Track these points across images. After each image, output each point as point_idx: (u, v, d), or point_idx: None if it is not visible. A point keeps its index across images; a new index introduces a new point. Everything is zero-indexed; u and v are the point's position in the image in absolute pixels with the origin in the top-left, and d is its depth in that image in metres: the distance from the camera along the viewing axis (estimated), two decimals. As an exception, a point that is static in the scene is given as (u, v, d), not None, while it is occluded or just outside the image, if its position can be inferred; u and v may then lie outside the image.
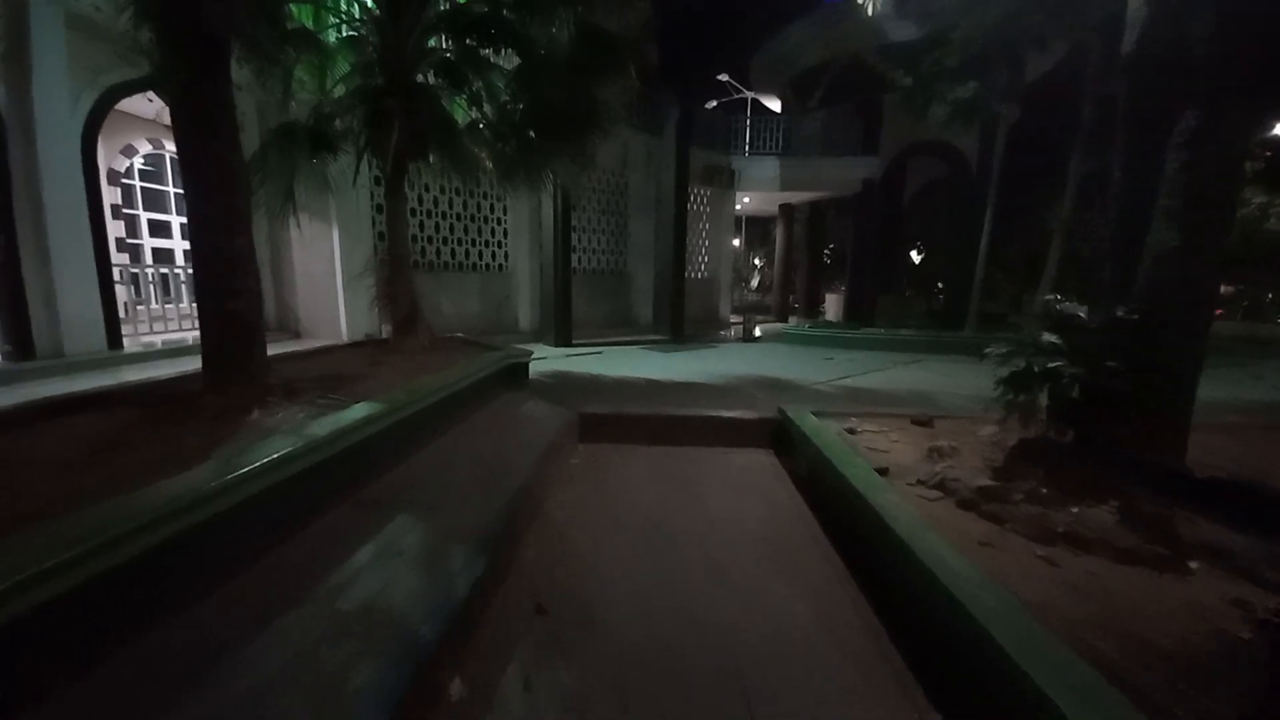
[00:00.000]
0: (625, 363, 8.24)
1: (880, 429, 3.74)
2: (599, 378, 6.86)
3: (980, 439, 3.44)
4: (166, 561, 1.59)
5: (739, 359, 8.95)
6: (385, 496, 2.55)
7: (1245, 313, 15.40)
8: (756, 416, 4.11)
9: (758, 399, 5.71)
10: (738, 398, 5.76)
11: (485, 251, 10.14)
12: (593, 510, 3.22)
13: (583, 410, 4.17)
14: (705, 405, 5.31)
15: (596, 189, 11.56)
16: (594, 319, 11.67)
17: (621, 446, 4.09)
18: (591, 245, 11.66)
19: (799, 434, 3.66)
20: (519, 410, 4.27)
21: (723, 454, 4.03)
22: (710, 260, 14.43)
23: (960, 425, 3.90)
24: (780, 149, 14.28)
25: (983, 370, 7.57)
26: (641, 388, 6.29)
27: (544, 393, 5.47)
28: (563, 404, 4.73)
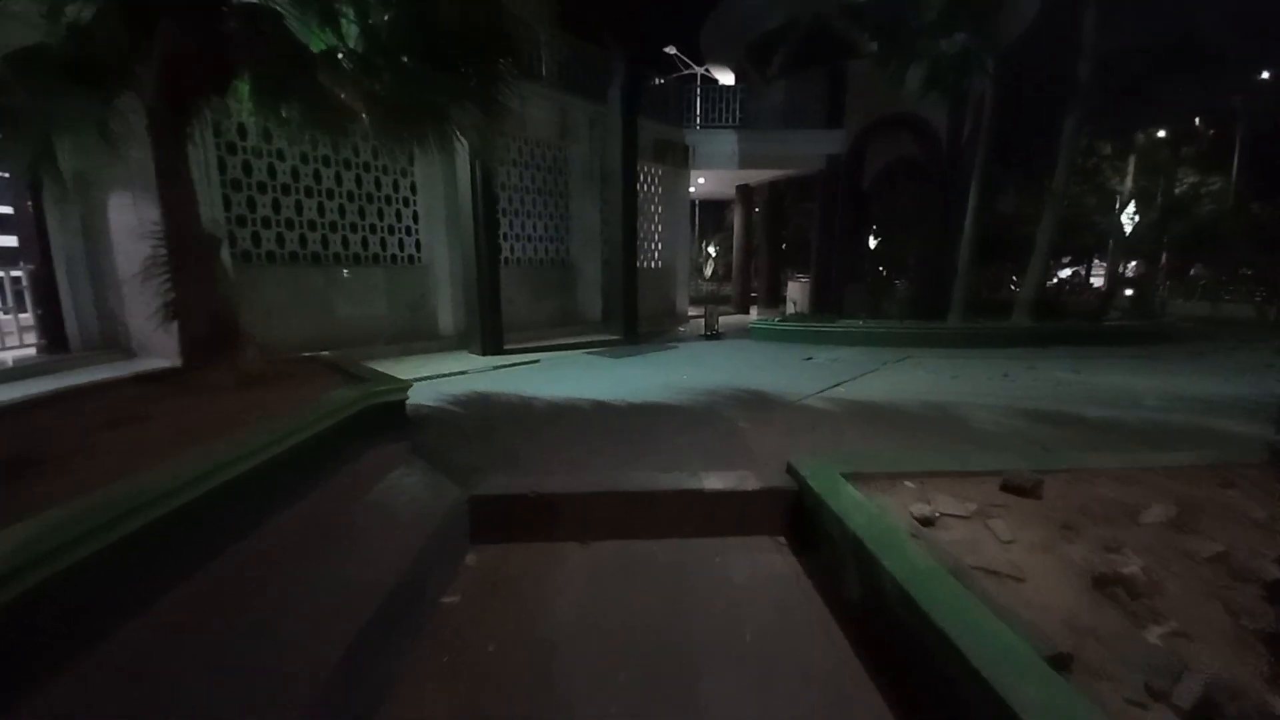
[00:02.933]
0: (567, 375, 6.58)
1: (963, 506, 2.27)
2: (529, 402, 5.19)
3: (1182, 545, 2.01)
4: None
5: (705, 363, 7.45)
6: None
7: (1203, 292, 15.21)
8: (758, 487, 2.57)
9: (742, 429, 4.20)
10: (714, 429, 4.23)
11: (391, 240, 8.21)
12: (475, 703, 1.61)
13: (476, 492, 2.49)
14: (671, 446, 3.76)
15: (530, 163, 9.77)
16: (534, 318, 9.92)
17: (543, 550, 2.47)
18: (527, 232, 9.87)
19: (835, 523, 2.15)
20: (373, 491, 2.57)
21: (707, 553, 2.48)
22: (665, 247, 12.89)
23: (1080, 487, 2.49)
24: (738, 122, 12.85)
25: (992, 369, 5.97)
26: (584, 417, 4.67)
27: (438, 440, 3.77)
28: (460, 462, 3.07)
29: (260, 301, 6.90)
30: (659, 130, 11.90)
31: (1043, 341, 8.99)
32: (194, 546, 1.96)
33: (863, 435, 4.13)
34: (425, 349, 8.30)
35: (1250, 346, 9.27)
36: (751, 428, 4.33)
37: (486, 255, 7.73)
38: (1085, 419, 4.68)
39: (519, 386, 5.90)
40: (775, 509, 2.55)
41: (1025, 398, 5.47)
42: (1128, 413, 4.86)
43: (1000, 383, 6.23)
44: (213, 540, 2.03)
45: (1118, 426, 4.43)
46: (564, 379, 6.36)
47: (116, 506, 1.69)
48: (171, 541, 1.88)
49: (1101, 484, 2.55)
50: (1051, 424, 4.48)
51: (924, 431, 4.27)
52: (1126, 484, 2.56)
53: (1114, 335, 9.37)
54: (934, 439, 4.03)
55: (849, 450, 3.61)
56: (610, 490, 2.49)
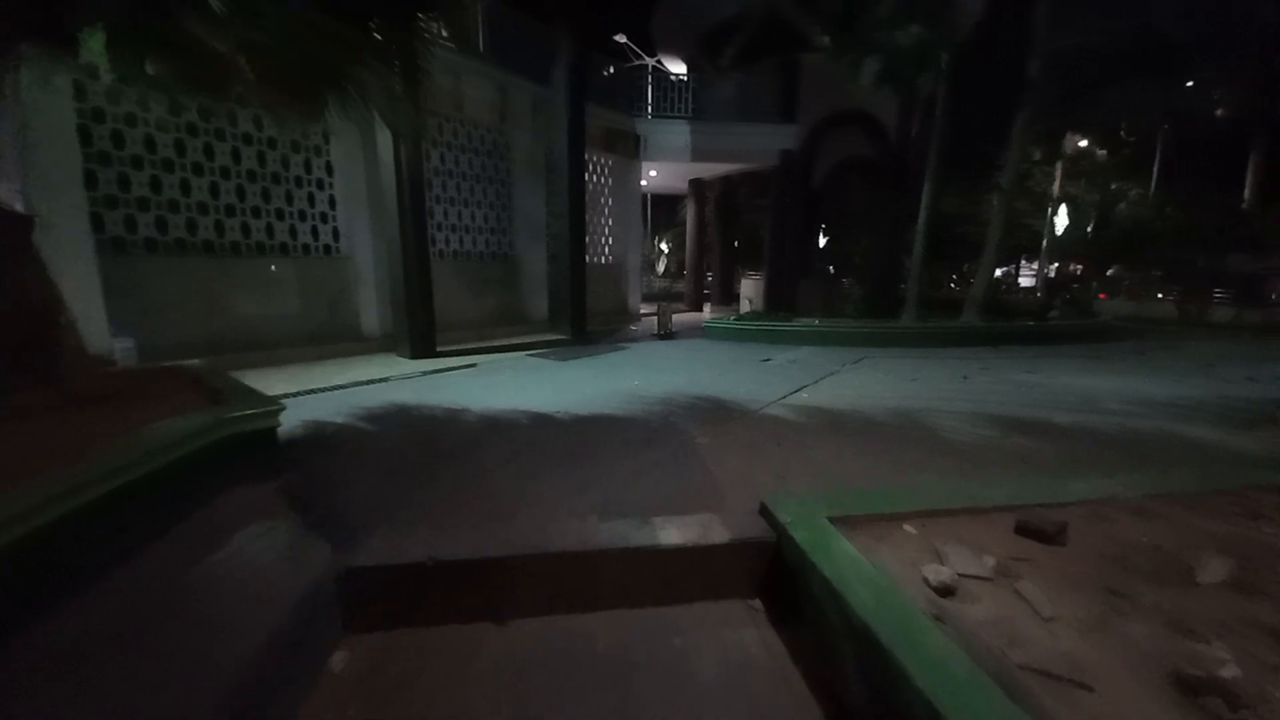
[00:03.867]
0: (505, 381, 5.89)
1: (981, 562, 1.81)
2: (455, 417, 4.48)
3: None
4: None
5: (658, 366, 6.92)
6: None
7: (1128, 292, 16.00)
8: (725, 539, 2.02)
9: (700, 447, 3.67)
10: (669, 447, 3.68)
11: (302, 228, 7.23)
12: None
13: (354, 562, 1.82)
14: (620, 472, 3.19)
15: (468, 147, 8.94)
16: (473, 317, 9.11)
17: (446, 637, 1.84)
18: (464, 222, 9.04)
19: (829, 594, 1.64)
20: (204, 564, 1.86)
21: (663, 630, 1.91)
22: (616, 242, 12.29)
23: (1101, 528, 2.09)
24: (690, 113, 12.39)
25: (949, 370, 5.65)
26: (518, 436, 4.02)
27: (327, 474, 3.05)
28: (347, 509, 2.39)
29: (137, 298, 5.85)
30: (608, 118, 11.28)
31: (993, 341, 9.00)
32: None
33: (832, 450, 3.69)
34: (346, 352, 7.39)
35: (1182, 345, 9.61)
36: (711, 444, 3.81)
37: (414, 246, 6.90)
38: (1055, 425, 4.45)
39: (448, 396, 5.17)
40: (748, 564, 2.01)
41: (989, 402, 5.23)
42: (1094, 418, 4.67)
43: (961, 386, 6.01)
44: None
45: (1089, 433, 4.20)
46: (501, 386, 5.67)
47: None
48: None
49: (1122, 522, 2.17)
50: (1023, 432, 4.21)
51: (895, 443, 3.89)
52: (1148, 520, 2.19)
53: (1058, 334, 9.51)
54: (907, 453, 3.64)
55: (833, 486, 3.14)
56: (538, 552, 1.88)
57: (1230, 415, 4.84)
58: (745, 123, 12.54)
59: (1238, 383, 6.39)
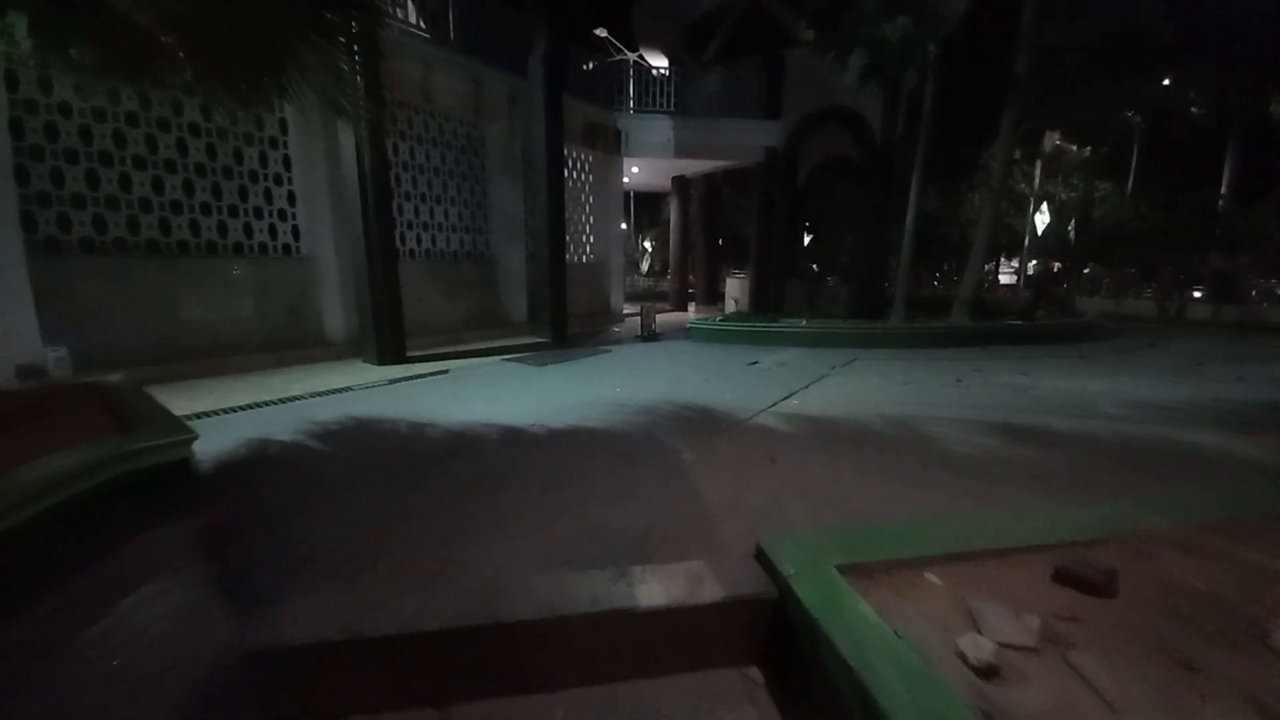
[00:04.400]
0: (479, 390, 5.51)
1: (1023, 626, 1.52)
2: (420, 433, 4.11)
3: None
4: None
5: (642, 371, 6.60)
6: None
7: (1107, 290, 16.10)
8: (719, 596, 1.70)
9: (687, 465, 3.36)
10: (653, 465, 3.36)
11: (258, 226, 6.75)
12: None
13: (257, 644, 1.46)
14: (597, 500, 2.86)
15: (439, 140, 8.50)
16: (448, 320, 8.69)
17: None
18: (437, 220, 8.60)
19: (846, 676, 1.33)
20: (75, 643, 1.49)
21: (639, 708, 1.59)
22: (598, 241, 11.93)
23: (1146, 568, 1.82)
24: (673, 108, 12.07)
25: (941, 373, 5.44)
26: (487, 455, 3.66)
27: (256, 509, 2.67)
28: (273, 559, 2.03)
29: (74, 303, 5.37)
30: (588, 112, 10.91)
31: (981, 341, 8.86)
32: None
33: (829, 467, 3.40)
34: (309, 359, 6.94)
35: (1166, 343, 9.56)
36: (699, 461, 3.50)
37: (379, 245, 6.48)
38: (1055, 432, 4.24)
39: (414, 408, 4.78)
40: (743, 624, 1.70)
41: (985, 407, 5.01)
42: (1092, 424, 4.48)
43: (954, 389, 5.79)
44: None
45: (1089, 441, 4.01)
46: (474, 395, 5.29)
47: None
48: None
49: (1167, 560, 1.90)
50: (1024, 440, 3.99)
51: (894, 456, 3.63)
52: (1194, 556, 1.93)
53: (1045, 334, 9.40)
54: (909, 468, 3.37)
55: (835, 511, 2.85)
56: (492, 622, 1.55)
57: (1226, 418, 4.70)
58: (729, 118, 12.27)
59: (1228, 383, 6.29)
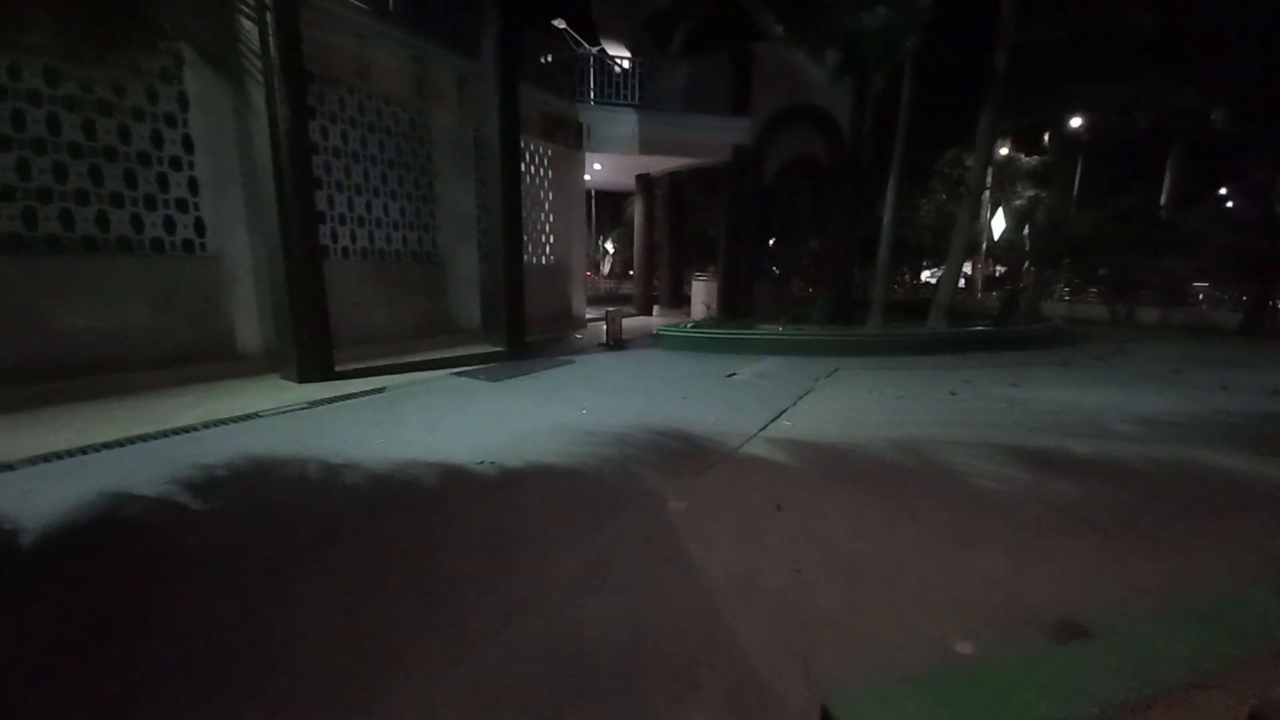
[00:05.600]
0: (416, 416, 4.65)
1: None
2: (334, 478, 3.26)
3: None
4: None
5: (610, 386, 5.86)
6: None
7: (1059, 294, 16.41)
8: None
9: (673, 516, 2.65)
10: (629, 522, 2.64)
11: (151, 219, 5.67)
12: None
13: None
14: (557, 586, 2.13)
15: (378, 126, 7.53)
16: (389, 327, 7.72)
17: None
18: (375, 214, 7.62)
19: None
20: None
21: None
22: (558, 241, 11.13)
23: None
24: (637, 100, 11.40)
25: (931, 384, 4.92)
26: (415, 513, 2.85)
27: (79, 600, 1.82)
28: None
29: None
30: (547, 102, 10.11)
31: (960, 348, 8.56)
32: None
33: (849, 516, 2.78)
34: (216, 375, 5.89)
35: (1130, 348, 9.53)
36: (689, 512, 2.81)
37: (299, 242, 5.52)
38: (1076, 457, 3.81)
39: (335, 441, 3.91)
40: None
41: (992, 426, 4.55)
42: (1109, 445, 4.08)
43: (951, 404, 5.33)
44: None
45: (1120, 470, 3.60)
46: (412, 422, 4.44)
47: None
48: None
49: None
50: (1050, 469, 3.51)
51: (917, 495, 3.05)
52: None
53: (1019, 340, 9.21)
54: (940, 514, 2.79)
55: (871, 582, 2.21)
56: None
57: (1236, 435, 4.43)
58: (697, 114, 11.70)
59: (1215, 392, 6.10)
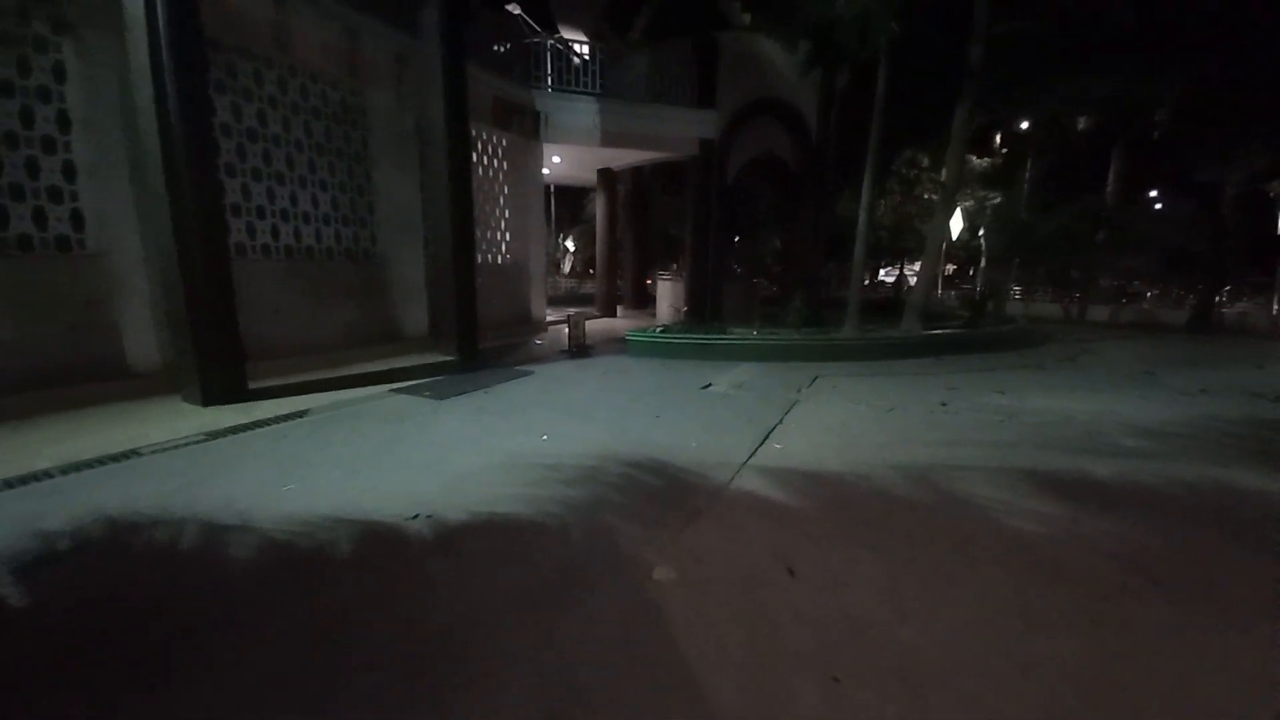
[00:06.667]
0: (342, 447, 3.87)
1: None
2: (216, 543, 2.50)
3: None
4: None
5: (575, 405, 5.19)
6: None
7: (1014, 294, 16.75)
8: None
9: (658, 592, 2.04)
10: (603, 597, 2.01)
11: (17, 210, 4.65)
12: None
13: None
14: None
15: (302, 106, 6.59)
16: (318, 336, 6.81)
17: None
18: (301, 207, 6.68)
19: None
20: None
21: None
22: (515, 239, 10.33)
23: None
24: (598, 89, 10.72)
25: (918, 393, 4.57)
26: (327, 597, 2.13)
27: None
28: None
29: None
30: (500, 87, 9.32)
31: (936, 350, 8.32)
32: None
33: (874, 578, 2.25)
34: (101, 397, 4.92)
35: (1094, 348, 9.55)
36: (680, 586, 2.21)
37: (200, 238, 4.63)
38: (1100, 483, 3.44)
39: (229, 488, 3.12)
40: None
41: (999, 444, 4.16)
42: (1127, 466, 3.75)
43: (946, 418, 4.94)
44: None
45: (1152, 498, 3.26)
46: (333, 459, 3.67)
47: None
48: None
49: None
50: (1080, 502, 3.11)
51: (948, 547, 2.56)
52: None
53: (990, 341, 9.06)
54: (977, 570, 2.29)
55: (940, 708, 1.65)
56: None
57: (1242, 446, 4.22)
58: (661, 105, 11.12)
59: (1195, 395, 5.98)
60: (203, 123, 4.71)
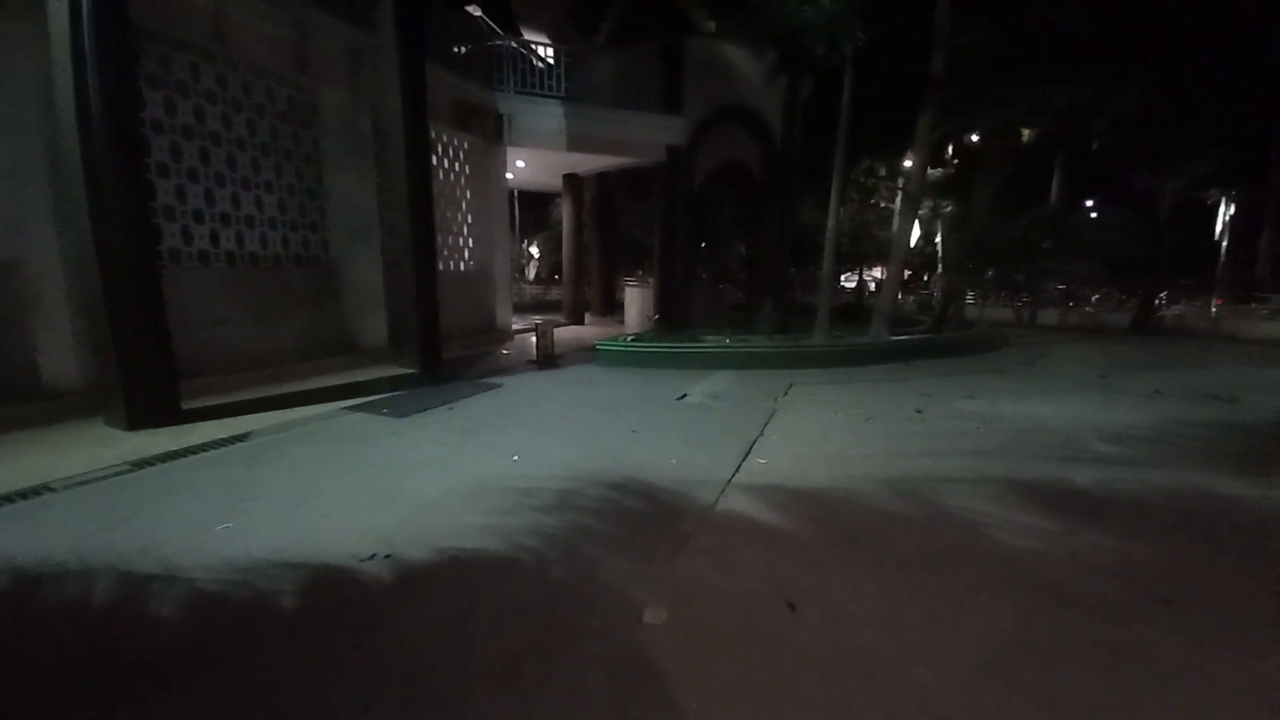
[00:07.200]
0: (285, 477, 3.50)
1: None
2: (134, 598, 2.15)
3: None
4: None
5: (545, 421, 4.92)
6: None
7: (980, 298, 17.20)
8: None
9: (649, 640, 1.82)
10: (584, 648, 1.78)
11: (-105, 211, 4.11)
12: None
13: None
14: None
15: (245, 103, 6.13)
16: (265, 349, 6.33)
17: None
18: (245, 210, 6.20)
19: None
20: None
21: None
22: (478, 245, 9.98)
23: None
24: (563, 92, 10.49)
25: (893, 400, 4.51)
26: (261, 665, 1.83)
27: None
28: None
29: None
30: (461, 88, 8.98)
31: (904, 356, 8.40)
32: None
33: (877, 606, 2.11)
34: (12, 422, 4.38)
35: (1048, 351, 9.83)
36: (673, 627, 2.01)
37: (124, 243, 4.18)
38: (1085, 493, 3.43)
39: (153, 529, 2.74)
40: None
41: (978, 454, 4.13)
42: (1105, 473, 3.77)
43: (923, 427, 4.91)
44: None
45: (1133, 508, 3.27)
46: (275, 491, 3.31)
47: None
48: None
49: None
50: (1069, 513, 3.08)
51: (948, 571, 2.44)
52: None
53: (954, 347, 9.24)
54: (979, 596, 2.18)
55: None
56: None
57: (1211, 451, 4.33)
58: (628, 110, 10.96)
59: (1152, 398, 6.18)
60: (129, 118, 4.27)
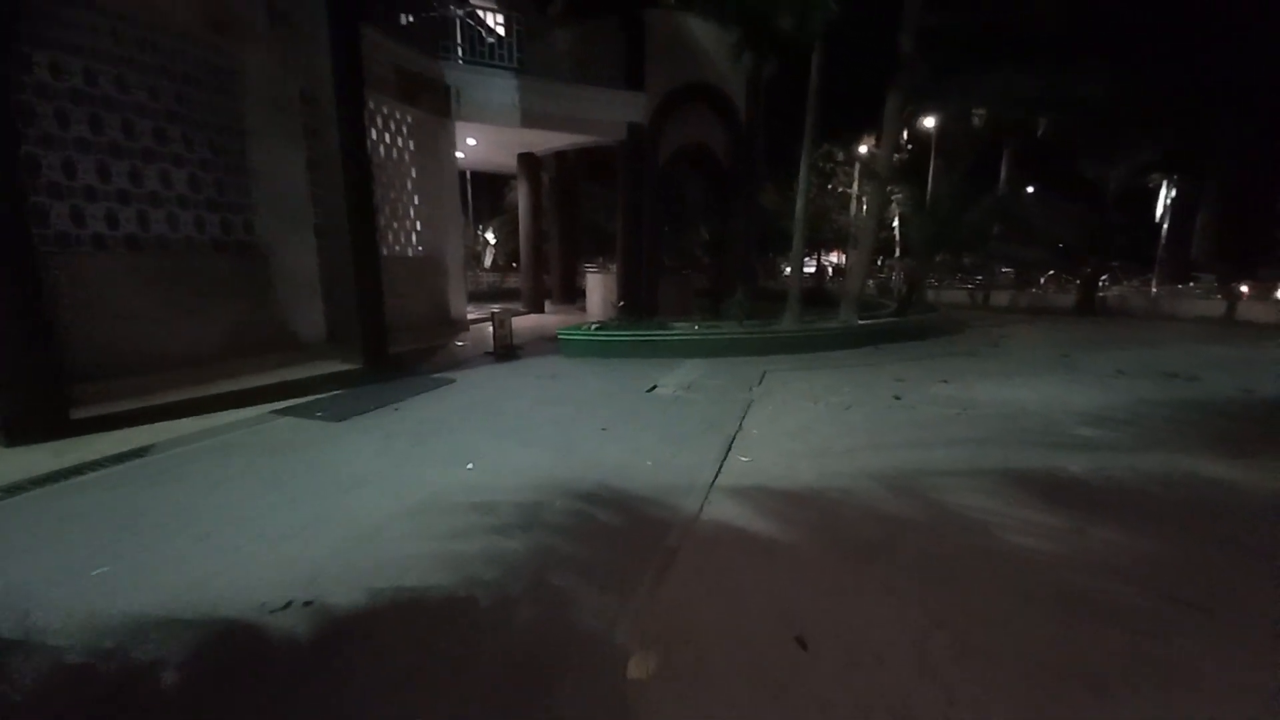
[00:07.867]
0: (186, 502, 2.94)
1: None
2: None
3: None
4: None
5: (505, 420, 4.46)
6: None
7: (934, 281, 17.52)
8: None
9: (640, 701, 1.48)
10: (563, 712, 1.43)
11: None
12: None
13: None
14: None
15: (147, 64, 5.30)
16: (185, 346, 5.58)
17: None
18: (150, 186, 5.39)
19: None
20: None
21: None
22: (427, 228, 9.26)
23: None
24: (516, 64, 9.81)
25: (870, 386, 4.45)
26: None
27: None
28: None
29: None
30: (403, 55, 8.21)
31: (873, 340, 8.31)
32: None
33: (897, 631, 1.82)
34: None
35: (1007, 332, 9.99)
36: (665, 676, 1.65)
37: None
38: (1082, 482, 3.30)
39: (15, 574, 2.20)
40: None
41: (966, 442, 3.96)
42: (1094, 459, 3.67)
43: (904, 414, 4.74)
44: None
45: (1130, 497, 3.14)
46: (175, 519, 2.76)
47: None
48: None
49: None
50: (1071, 507, 2.92)
51: (966, 582, 2.19)
52: None
53: (918, 330, 9.25)
54: (1002, 604, 1.92)
55: None
56: None
57: (1185, 431, 4.31)
58: (587, 85, 10.39)
59: (1116, 377, 6.26)
60: (5, 80, 3.53)
